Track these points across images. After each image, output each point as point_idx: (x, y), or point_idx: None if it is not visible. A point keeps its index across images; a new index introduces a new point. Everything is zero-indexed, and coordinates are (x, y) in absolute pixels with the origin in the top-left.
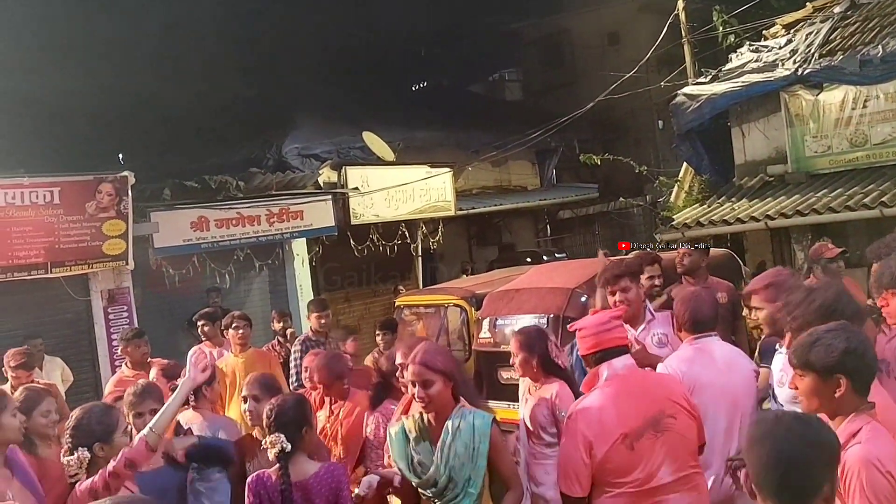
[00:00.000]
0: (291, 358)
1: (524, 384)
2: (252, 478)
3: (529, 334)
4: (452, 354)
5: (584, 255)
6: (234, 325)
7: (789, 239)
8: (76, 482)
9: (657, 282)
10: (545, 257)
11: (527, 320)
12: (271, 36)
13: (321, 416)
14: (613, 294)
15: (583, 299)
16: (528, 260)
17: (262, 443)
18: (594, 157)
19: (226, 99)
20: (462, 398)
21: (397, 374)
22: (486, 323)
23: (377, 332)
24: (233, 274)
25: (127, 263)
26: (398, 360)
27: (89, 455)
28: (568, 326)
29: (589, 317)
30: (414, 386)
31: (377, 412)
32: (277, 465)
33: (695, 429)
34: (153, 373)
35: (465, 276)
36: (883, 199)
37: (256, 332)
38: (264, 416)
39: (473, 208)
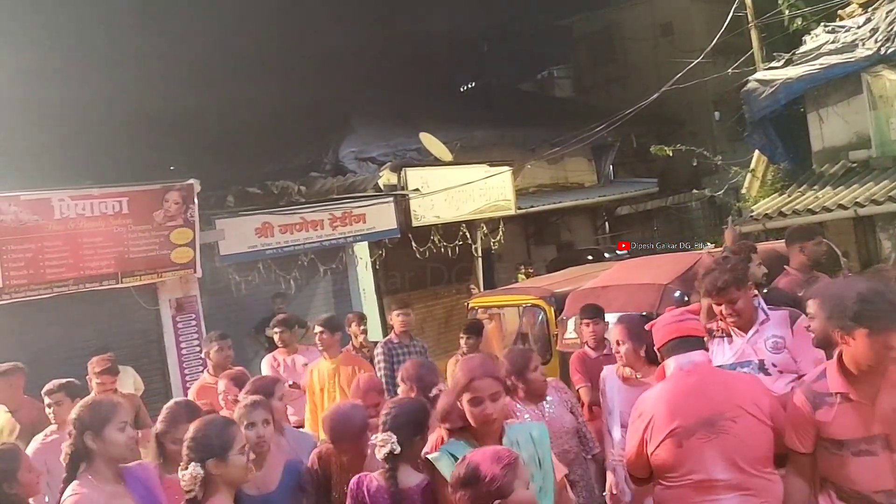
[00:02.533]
0: (375, 364)
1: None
2: (353, 480)
3: (635, 322)
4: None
5: (643, 251)
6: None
7: (874, 228)
8: (193, 498)
9: (764, 269)
10: (607, 255)
11: (617, 318)
12: (323, 41)
13: None
14: (720, 305)
15: (676, 295)
16: (590, 258)
17: (372, 439)
18: (665, 148)
19: (281, 105)
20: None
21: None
22: (571, 322)
23: (462, 335)
24: (297, 279)
25: (195, 271)
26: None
27: (202, 472)
28: (645, 326)
29: (666, 313)
30: (478, 404)
31: None
32: (385, 468)
33: (764, 434)
34: (222, 384)
35: (521, 276)
36: None
37: None
38: (382, 412)
39: (532, 207)
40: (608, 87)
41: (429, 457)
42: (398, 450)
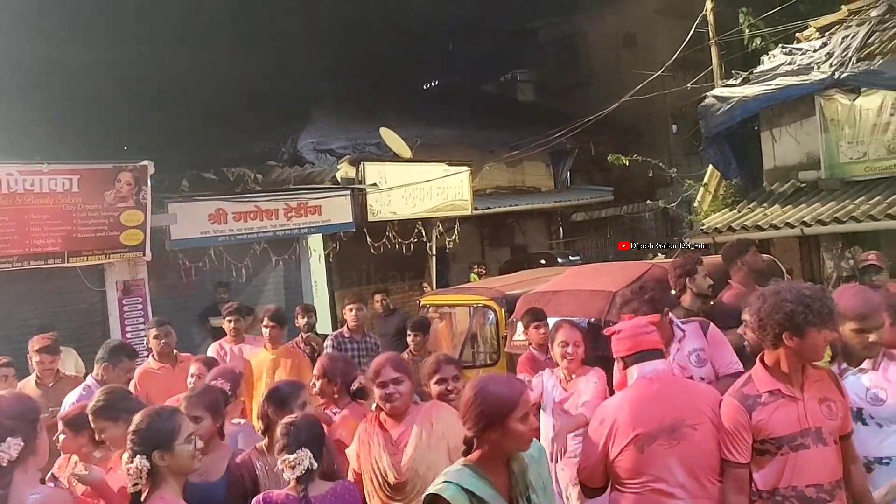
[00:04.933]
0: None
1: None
2: (257, 500)
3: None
4: None
5: (596, 258)
6: (266, 321)
7: (818, 247)
8: (137, 492)
9: (710, 281)
10: (560, 260)
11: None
12: (287, 30)
13: None
14: None
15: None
16: (543, 262)
17: (280, 462)
18: (622, 157)
19: (242, 91)
20: None
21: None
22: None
23: (409, 332)
24: (249, 268)
25: (144, 254)
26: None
27: (147, 464)
28: (604, 330)
29: (626, 321)
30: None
31: None
32: (297, 485)
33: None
34: (193, 368)
35: (475, 276)
36: None
37: None
38: (279, 431)
39: (489, 208)
40: (570, 93)
41: (435, 490)
42: (316, 465)
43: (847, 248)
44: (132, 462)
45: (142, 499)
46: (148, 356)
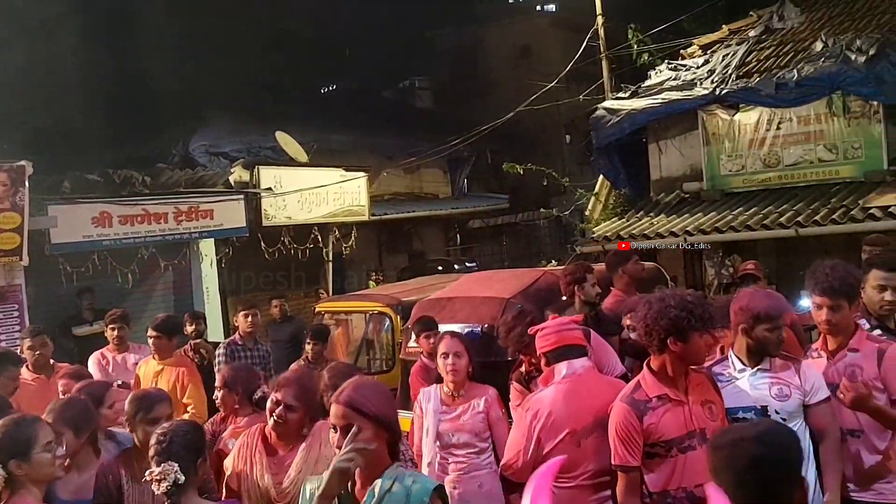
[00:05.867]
0: (216, 365)
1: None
2: None
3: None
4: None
5: (492, 265)
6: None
7: (701, 255)
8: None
9: (598, 289)
10: (456, 266)
11: (459, 330)
12: (179, 28)
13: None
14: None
15: (518, 309)
16: (440, 268)
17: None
18: (517, 166)
19: (130, 90)
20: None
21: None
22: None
23: (308, 340)
24: (136, 273)
25: (21, 259)
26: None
27: (3, 472)
28: (529, 330)
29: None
30: (335, 431)
31: None
32: (166, 501)
33: None
34: (60, 384)
35: (372, 283)
36: (798, 219)
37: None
38: (152, 440)
39: (386, 214)
40: (468, 101)
41: None
42: (182, 479)
43: (727, 257)
44: None
45: None
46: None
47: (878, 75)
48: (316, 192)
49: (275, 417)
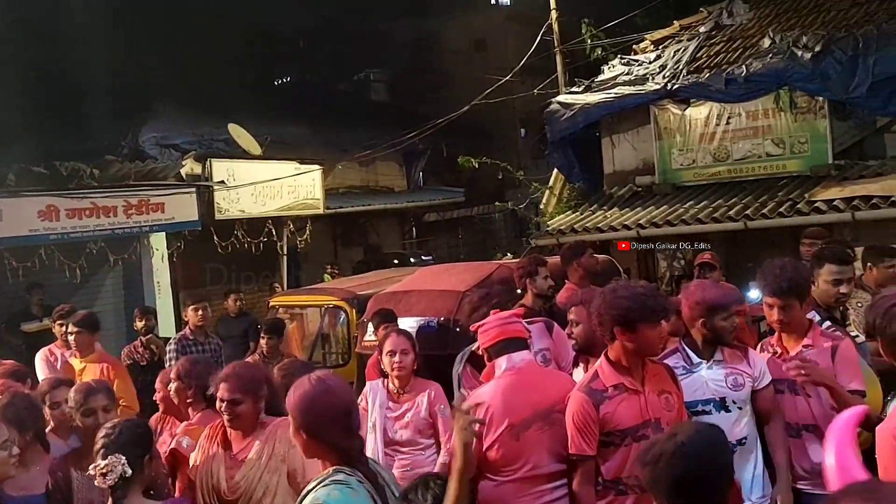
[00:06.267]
0: (167, 360)
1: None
2: None
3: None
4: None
5: (448, 258)
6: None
7: (653, 248)
8: None
9: (551, 282)
10: (412, 260)
11: (415, 323)
12: (130, 17)
13: None
14: None
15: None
16: (395, 262)
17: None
18: (471, 159)
19: (78, 80)
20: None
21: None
22: (371, 326)
23: (262, 335)
24: (84, 268)
25: None
26: None
27: None
28: (471, 327)
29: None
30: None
31: None
32: (111, 497)
33: None
34: None
35: (327, 276)
36: (746, 213)
37: (108, 332)
38: (98, 434)
39: (341, 207)
40: (423, 95)
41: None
42: (129, 472)
43: (678, 249)
44: None
45: None
46: None
47: (823, 72)
48: (270, 186)
49: (225, 414)
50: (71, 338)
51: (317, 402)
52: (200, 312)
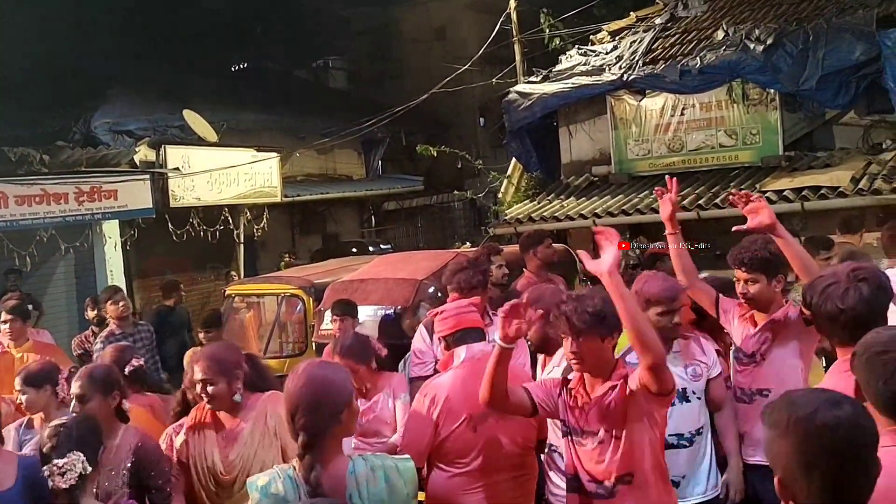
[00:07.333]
0: (95, 357)
1: None
2: None
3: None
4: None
5: (407, 247)
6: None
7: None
8: None
9: (505, 270)
10: (371, 248)
11: (373, 312)
12: (82, 1)
13: None
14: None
15: (431, 290)
16: (354, 250)
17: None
18: (430, 148)
19: (28, 64)
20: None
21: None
22: (328, 314)
23: (199, 329)
24: (34, 256)
25: None
26: None
27: None
28: (428, 313)
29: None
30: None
31: None
32: (67, 495)
33: (535, 421)
34: None
35: (284, 265)
36: (699, 202)
37: (60, 322)
38: (46, 433)
39: (299, 195)
40: (382, 83)
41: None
42: (90, 469)
43: (634, 238)
44: None
45: None
46: None
47: (774, 64)
48: (226, 173)
49: (203, 396)
50: (4, 326)
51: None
52: (121, 304)
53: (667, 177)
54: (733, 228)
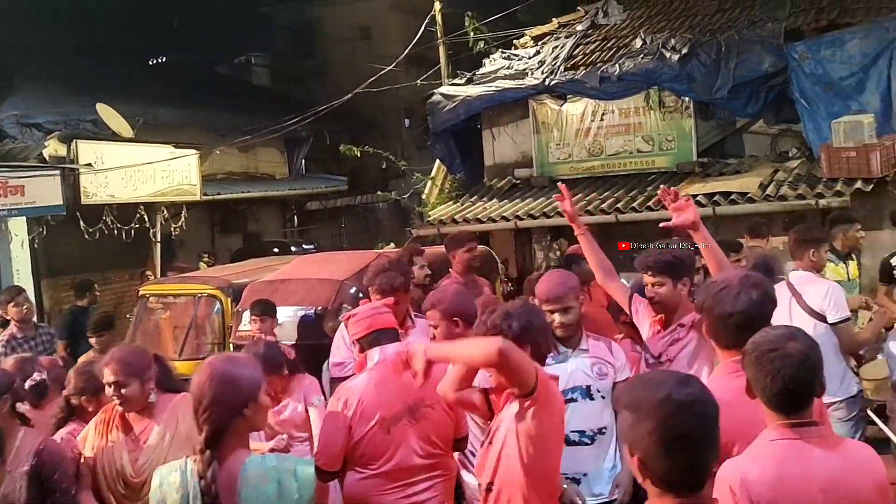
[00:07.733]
0: None
1: None
2: None
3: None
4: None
5: (330, 247)
6: None
7: (530, 239)
8: None
9: (427, 271)
10: (293, 248)
11: (293, 312)
12: None
13: None
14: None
15: (352, 291)
16: (276, 251)
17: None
18: (354, 148)
19: None
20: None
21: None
22: (246, 315)
23: (90, 334)
24: None
25: None
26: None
27: None
28: (340, 317)
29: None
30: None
31: None
32: None
33: (451, 421)
34: None
35: (204, 265)
36: (618, 206)
37: None
38: None
39: (219, 194)
40: (306, 81)
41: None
42: None
43: (554, 241)
44: None
45: None
46: None
47: (689, 73)
48: (142, 170)
49: (113, 398)
50: None
51: None
52: (25, 307)
53: (559, 184)
54: (660, 224)
